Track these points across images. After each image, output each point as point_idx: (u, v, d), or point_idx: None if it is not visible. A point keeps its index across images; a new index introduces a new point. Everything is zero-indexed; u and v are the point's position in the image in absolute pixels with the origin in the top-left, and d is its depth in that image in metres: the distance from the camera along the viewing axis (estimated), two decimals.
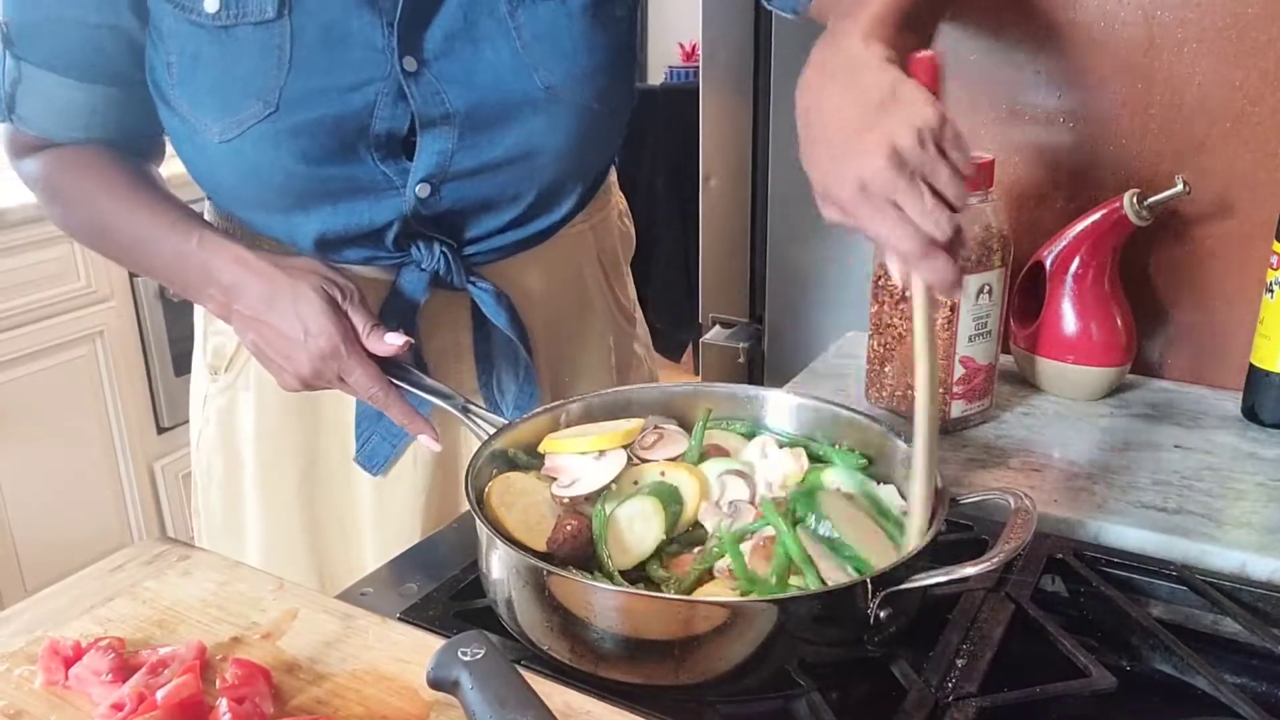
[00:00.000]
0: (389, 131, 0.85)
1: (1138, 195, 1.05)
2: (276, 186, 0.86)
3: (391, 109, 0.84)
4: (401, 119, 0.84)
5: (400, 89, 0.83)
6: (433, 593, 0.75)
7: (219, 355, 1.00)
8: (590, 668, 0.64)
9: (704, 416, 0.82)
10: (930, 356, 0.67)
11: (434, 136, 0.85)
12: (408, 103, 0.84)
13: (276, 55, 0.80)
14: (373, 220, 0.88)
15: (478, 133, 0.86)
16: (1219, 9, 1.03)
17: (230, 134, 0.83)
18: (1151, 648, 0.75)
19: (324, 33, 0.81)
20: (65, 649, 0.62)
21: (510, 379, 0.98)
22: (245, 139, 0.83)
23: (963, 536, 0.81)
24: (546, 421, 0.82)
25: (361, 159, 0.85)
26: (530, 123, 0.87)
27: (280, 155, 0.83)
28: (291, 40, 0.80)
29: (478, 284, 0.93)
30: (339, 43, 0.81)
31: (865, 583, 0.62)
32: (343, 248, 0.91)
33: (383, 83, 0.82)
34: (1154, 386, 1.13)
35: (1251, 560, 0.81)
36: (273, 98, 0.81)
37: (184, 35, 0.81)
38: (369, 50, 0.82)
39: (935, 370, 0.68)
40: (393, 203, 0.88)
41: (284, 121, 0.82)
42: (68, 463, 2.28)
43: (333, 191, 0.87)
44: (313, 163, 0.84)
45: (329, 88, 0.82)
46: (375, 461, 0.97)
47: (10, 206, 2.09)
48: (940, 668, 0.66)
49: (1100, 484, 0.92)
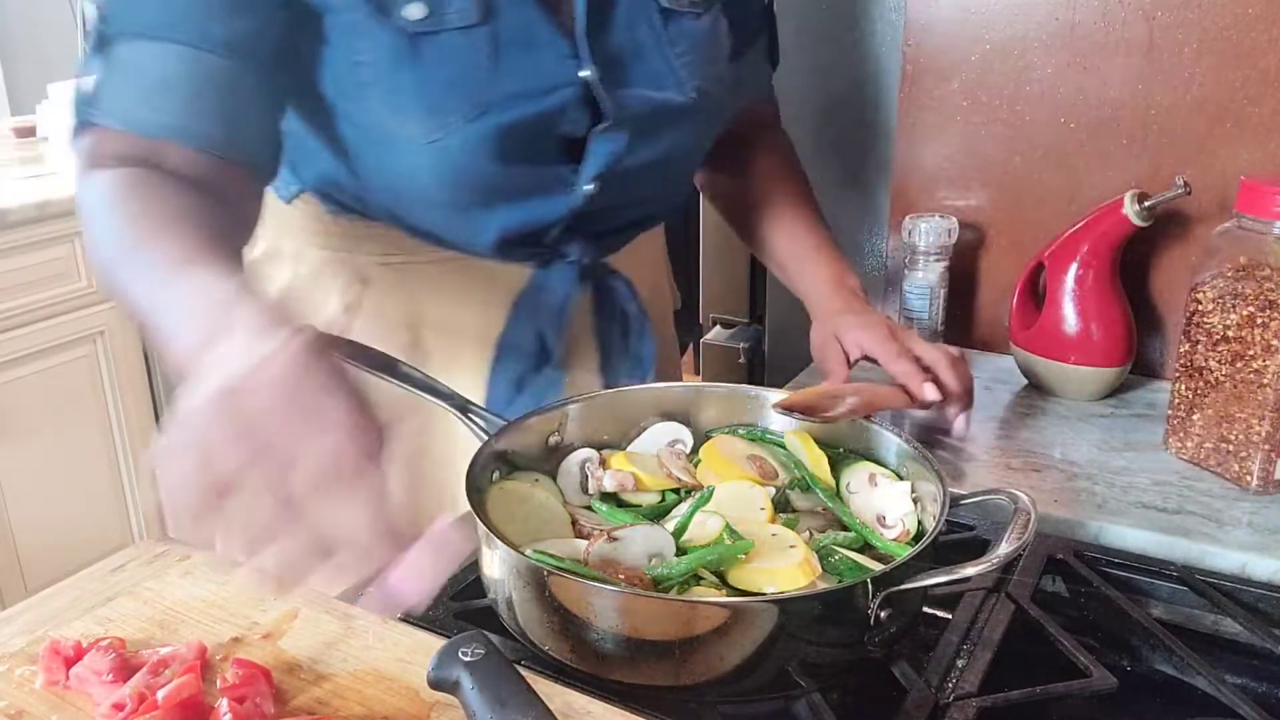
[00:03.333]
0: (570, 134, 0.89)
1: (1138, 195, 1.05)
2: (471, 186, 0.88)
3: (577, 112, 0.87)
4: (582, 122, 0.88)
5: (584, 95, 0.87)
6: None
7: None
8: (591, 668, 0.64)
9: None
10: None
11: (607, 139, 0.89)
12: (589, 108, 0.87)
13: (484, 58, 0.83)
14: (544, 217, 0.92)
15: (643, 136, 0.90)
16: (1219, 9, 1.03)
17: (437, 135, 0.83)
18: (1152, 648, 0.75)
19: (519, 38, 0.84)
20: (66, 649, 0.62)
21: (623, 359, 1.04)
22: (453, 139, 0.84)
23: (963, 536, 0.81)
24: (546, 421, 0.82)
25: (547, 159, 0.89)
26: (681, 126, 0.93)
27: (482, 154, 0.85)
28: (493, 44, 0.83)
29: (614, 275, 1.01)
30: (531, 48, 0.84)
31: (865, 583, 0.62)
32: (516, 245, 0.94)
33: (570, 88, 0.86)
34: (1154, 386, 1.13)
35: (1252, 560, 0.81)
36: (483, 99, 0.83)
37: (380, 37, 0.81)
38: (556, 56, 0.85)
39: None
40: (563, 200, 0.91)
41: (491, 122, 0.84)
42: (69, 463, 2.28)
43: (518, 189, 0.90)
44: (509, 162, 0.86)
45: (529, 91, 0.85)
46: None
47: (10, 207, 2.09)
48: (940, 668, 0.66)
49: (1100, 484, 0.92)
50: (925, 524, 0.73)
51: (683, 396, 0.86)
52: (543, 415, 0.82)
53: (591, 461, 0.80)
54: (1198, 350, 0.93)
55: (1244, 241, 0.90)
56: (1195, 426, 0.95)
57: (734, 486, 0.76)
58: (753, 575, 0.66)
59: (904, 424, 1.00)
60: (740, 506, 0.74)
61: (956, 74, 1.18)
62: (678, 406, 0.86)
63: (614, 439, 0.85)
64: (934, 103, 1.20)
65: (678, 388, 0.88)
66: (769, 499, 0.75)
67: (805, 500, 0.78)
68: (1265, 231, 0.88)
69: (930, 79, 1.20)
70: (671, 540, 0.69)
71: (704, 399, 0.86)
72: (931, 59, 1.19)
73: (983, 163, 1.20)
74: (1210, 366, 0.93)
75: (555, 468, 0.80)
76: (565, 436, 0.83)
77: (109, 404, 2.35)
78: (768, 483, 0.78)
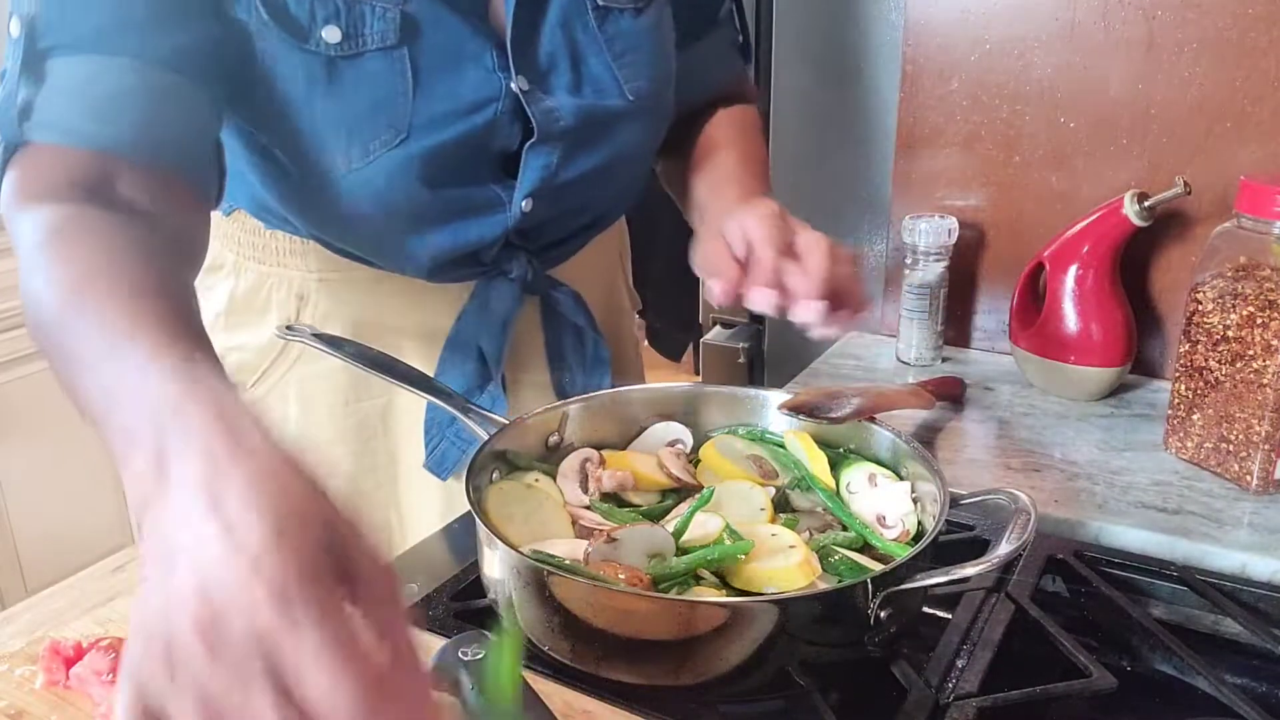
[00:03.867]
0: (502, 150, 0.86)
1: (1138, 195, 1.05)
2: (398, 213, 0.85)
3: (508, 128, 0.84)
4: (514, 138, 0.85)
5: (516, 108, 0.84)
6: (433, 593, 0.75)
7: (243, 370, 0.98)
8: (591, 668, 0.64)
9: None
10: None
11: (540, 153, 0.86)
12: (521, 122, 0.85)
13: (403, 81, 0.80)
14: (479, 238, 0.89)
15: (579, 146, 0.87)
16: (1219, 9, 1.03)
17: (358, 164, 0.81)
18: (1152, 648, 0.75)
19: (441, 56, 0.81)
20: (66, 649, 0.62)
21: (579, 370, 1.01)
22: (375, 167, 0.81)
23: (963, 536, 0.81)
24: (546, 421, 0.82)
25: (478, 179, 0.86)
26: (621, 132, 0.89)
27: (407, 181, 0.82)
28: (414, 65, 0.80)
29: (558, 289, 0.97)
30: (455, 65, 0.81)
31: (865, 583, 0.62)
32: (451, 267, 0.91)
33: (499, 103, 0.83)
34: (1154, 386, 1.13)
35: (1252, 560, 0.81)
36: (403, 124, 0.80)
37: (298, 61, 0.78)
38: (484, 71, 0.82)
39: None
40: (498, 219, 0.88)
41: (414, 146, 0.81)
42: (69, 463, 2.28)
43: (448, 212, 0.87)
44: (436, 186, 0.83)
45: (453, 111, 0.82)
46: (445, 466, 0.98)
47: None
48: (940, 668, 0.66)
49: (1100, 484, 0.92)
50: (925, 524, 0.73)
51: (683, 396, 0.86)
52: (542, 415, 0.82)
53: (591, 461, 0.80)
54: (1198, 350, 0.93)
55: (1244, 241, 0.90)
56: (1195, 426, 0.95)
57: (734, 486, 0.76)
58: (753, 575, 0.66)
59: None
60: (740, 506, 0.74)
61: (956, 74, 1.18)
62: (678, 407, 0.86)
63: (614, 439, 0.85)
64: (934, 103, 1.20)
65: (678, 388, 0.88)
66: (769, 499, 0.75)
67: (805, 500, 0.78)
68: (1265, 231, 0.88)
69: (930, 79, 1.20)
70: (671, 540, 0.69)
71: (704, 399, 0.86)
72: (931, 59, 1.19)
73: (983, 163, 1.20)
74: (1210, 366, 0.93)
75: (555, 468, 0.80)
76: (565, 436, 0.83)
77: None
78: (768, 483, 0.78)
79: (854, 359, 1.25)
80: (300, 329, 0.88)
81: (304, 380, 0.96)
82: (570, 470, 0.80)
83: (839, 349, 1.27)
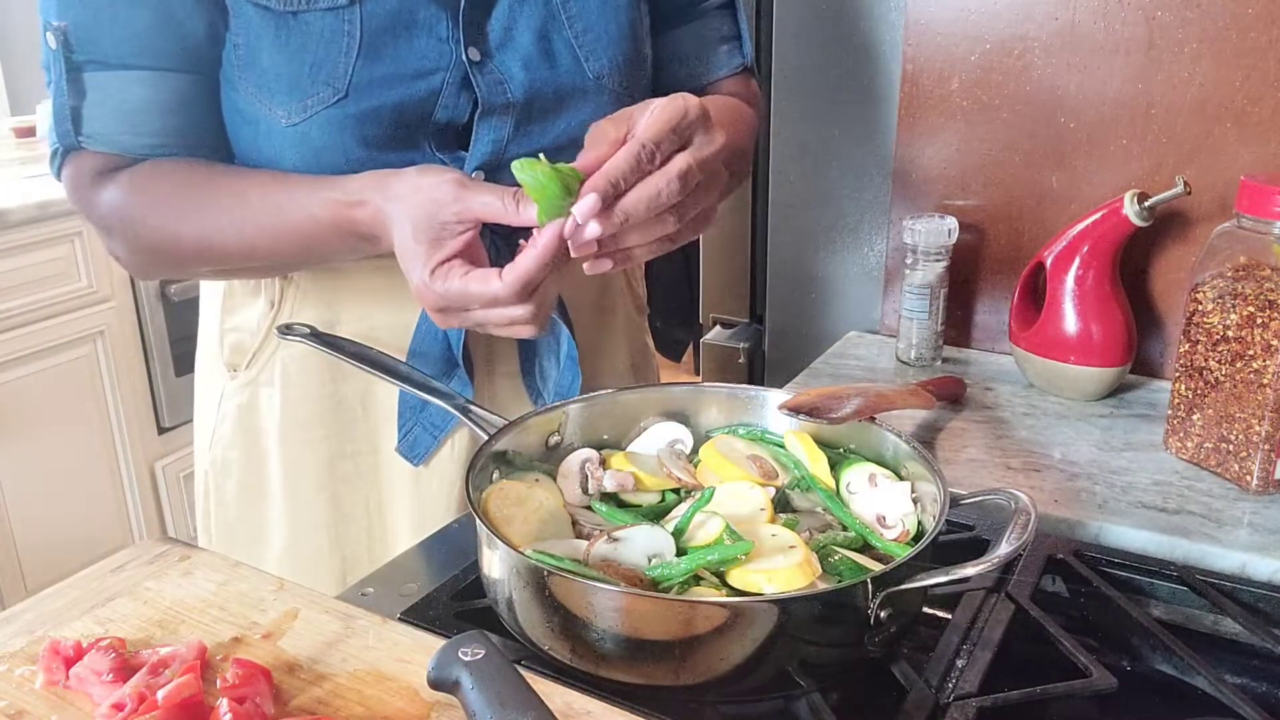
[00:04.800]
0: (449, 120, 0.86)
1: (1138, 195, 1.05)
2: (336, 171, 0.86)
3: (455, 98, 0.85)
4: (463, 108, 0.86)
5: (465, 79, 0.85)
6: (433, 593, 0.75)
7: (239, 351, 1.00)
8: (591, 668, 0.64)
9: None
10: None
11: (491, 125, 0.87)
12: (471, 92, 0.85)
13: (346, 41, 0.82)
14: None
15: (531, 122, 0.88)
16: (1219, 9, 1.03)
17: (297, 118, 0.83)
18: (1152, 648, 0.75)
19: (392, 21, 0.82)
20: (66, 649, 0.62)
21: (551, 365, 1.00)
22: (312, 123, 0.83)
23: (963, 536, 0.81)
24: (546, 421, 0.82)
25: (420, 147, 0.87)
26: (579, 111, 0.89)
27: (345, 140, 0.84)
28: (361, 27, 0.82)
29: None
30: (406, 31, 0.83)
31: (865, 583, 0.62)
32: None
33: (447, 72, 0.84)
34: (1154, 386, 1.13)
35: (1252, 560, 0.81)
36: (342, 83, 0.82)
37: (250, 18, 0.82)
38: (434, 40, 0.84)
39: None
40: None
41: (351, 107, 0.83)
42: (68, 463, 2.28)
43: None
44: (374, 148, 0.85)
45: (396, 75, 0.83)
46: (417, 452, 0.98)
47: (11, 207, 2.09)
48: (940, 668, 0.66)
49: (1100, 484, 0.92)
50: (925, 524, 0.73)
51: (683, 396, 0.86)
52: (543, 415, 0.82)
53: (591, 461, 0.80)
54: (1198, 350, 0.93)
55: (1244, 241, 0.90)
56: (1195, 426, 0.95)
57: (734, 486, 0.76)
58: (753, 575, 0.66)
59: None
60: (740, 506, 0.74)
61: (956, 74, 1.18)
62: (678, 406, 0.86)
63: (614, 439, 0.85)
64: (934, 103, 1.20)
65: (678, 388, 0.88)
66: (769, 499, 0.75)
67: (805, 500, 0.78)
68: (1265, 231, 0.88)
69: (930, 79, 1.20)
70: (671, 540, 0.69)
71: (704, 399, 0.86)
72: (931, 59, 1.19)
73: (983, 163, 1.20)
74: (1210, 366, 0.93)
75: (555, 468, 0.80)
76: (565, 436, 0.83)
77: (109, 404, 2.35)
78: (768, 483, 0.78)
79: (854, 359, 1.25)
80: (300, 329, 0.89)
81: (287, 361, 0.98)
82: (570, 470, 0.80)
83: (839, 349, 1.27)
